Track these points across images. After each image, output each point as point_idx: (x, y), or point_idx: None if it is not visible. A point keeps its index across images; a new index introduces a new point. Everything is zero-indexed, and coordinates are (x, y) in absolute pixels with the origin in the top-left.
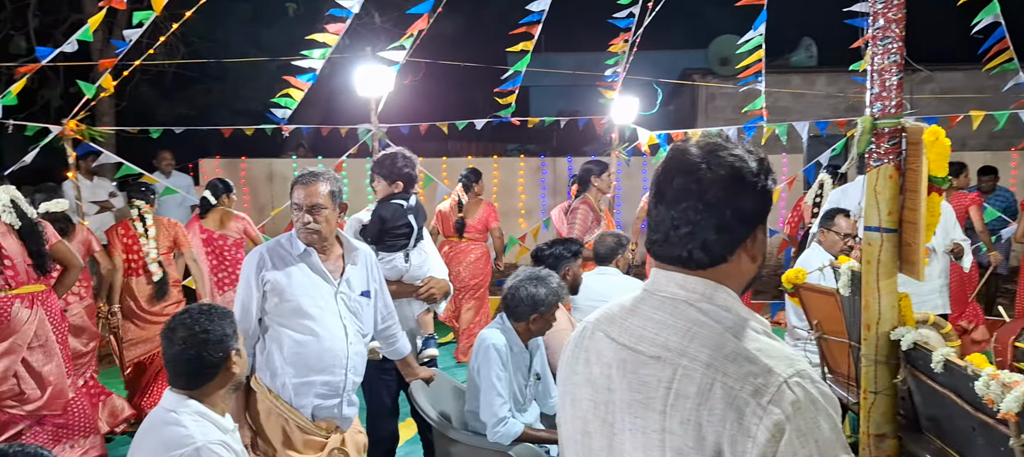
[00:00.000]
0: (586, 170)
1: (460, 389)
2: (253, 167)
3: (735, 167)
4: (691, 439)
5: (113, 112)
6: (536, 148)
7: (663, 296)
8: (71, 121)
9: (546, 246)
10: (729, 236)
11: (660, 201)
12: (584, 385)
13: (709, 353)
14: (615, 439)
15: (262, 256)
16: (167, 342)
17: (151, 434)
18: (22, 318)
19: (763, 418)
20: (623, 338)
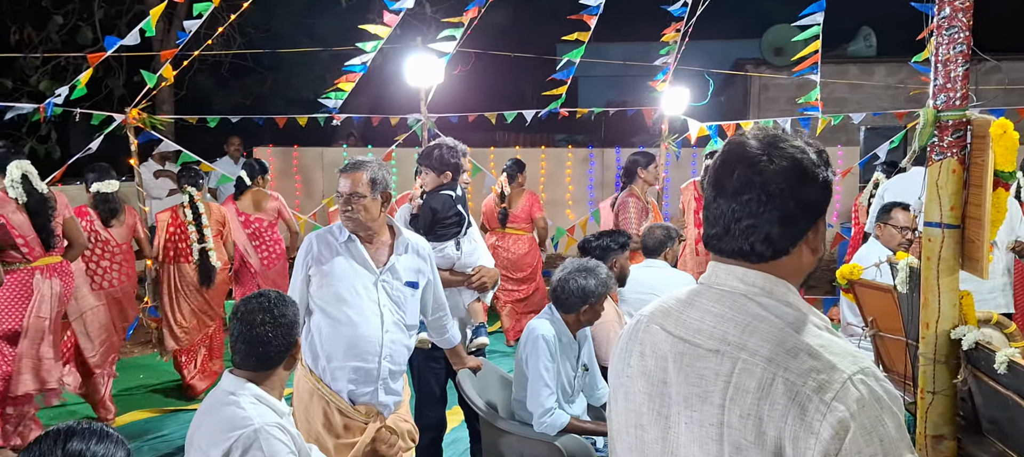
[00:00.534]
0: (633, 161)
1: (507, 379)
2: (305, 155)
3: (796, 158)
4: (751, 434)
5: (172, 101)
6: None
7: (721, 290)
8: (133, 109)
9: (593, 238)
10: (792, 228)
11: (719, 194)
12: (638, 378)
13: (770, 348)
14: (670, 432)
15: (311, 243)
16: (245, 325)
17: (211, 415)
18: (45, 290)
19: (826, 415)
20: (680, 331)
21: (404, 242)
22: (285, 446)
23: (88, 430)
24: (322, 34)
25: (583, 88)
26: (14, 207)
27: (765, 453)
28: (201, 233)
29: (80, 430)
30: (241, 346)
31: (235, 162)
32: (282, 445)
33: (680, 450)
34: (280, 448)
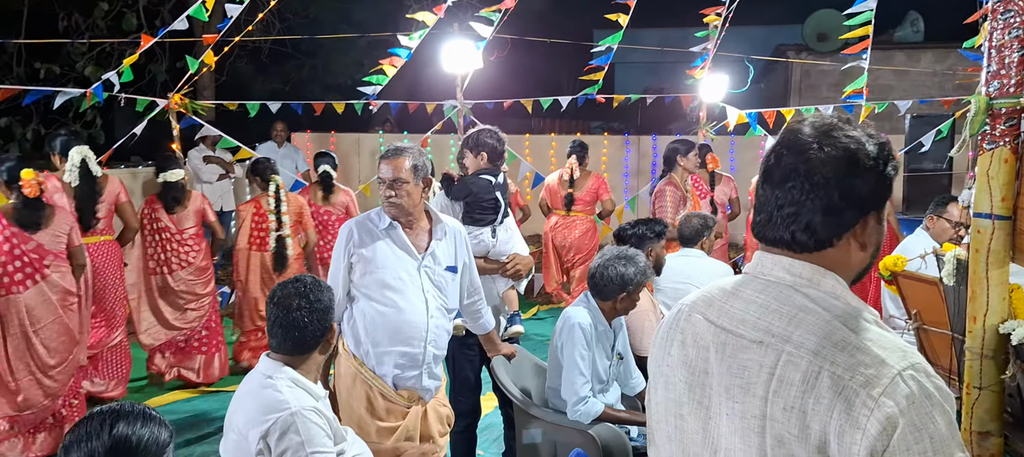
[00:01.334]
0: (672, 149)
1: (541, 366)
2: (342, 142)
3: (849, 149)
4: (795, 427)
5: (213, 87)
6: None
7: (767, 280)
8: (176, 95)
9: (629, 226)
10: (836, 219)
11: (767, 181)
12: (679, 367)
13: (816, 341)
14: (711, 422)
15: (351, 230)
16: (281, 310)
17: (249, 397)
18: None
19: (874, 411)
20: (723, 321)
21: (442, 227)
22: (321, 429)
23: (133, 412)
24: (360, 20)
25: (620, 74)
26: (61, 189)
27: (809, 447)
28: (280, 221)
29: (125, 412)
30: (277, 330)
31: (279, 147)
32: (318, 428)
33: (721, 441)
34: (316, 431)
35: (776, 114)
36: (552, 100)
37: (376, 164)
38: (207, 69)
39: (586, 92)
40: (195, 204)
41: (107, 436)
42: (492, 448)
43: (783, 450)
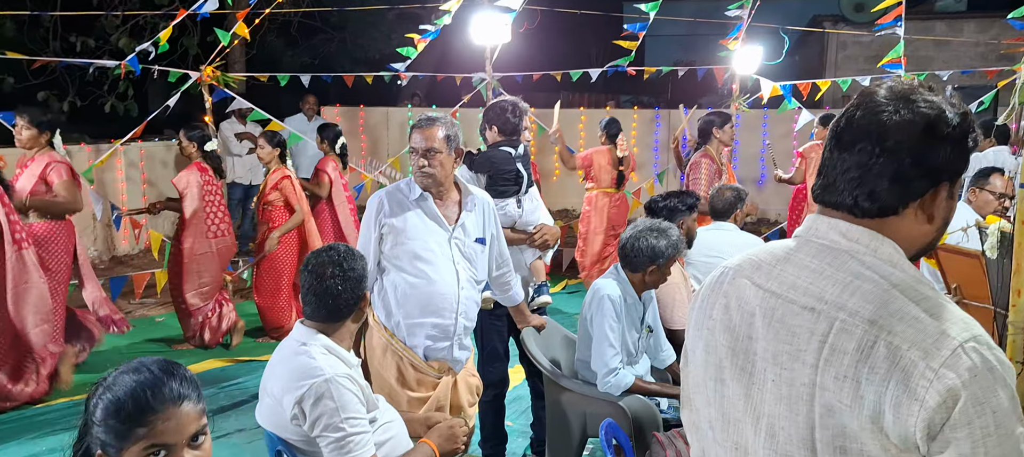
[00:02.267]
0: (708, 122)
1: (570, 338)
2: (371, 115)
3: (926, 114)
4: (847, 396)
5: (243, 60)
6: (649, 100)
7: (820, 244)
8: (208, 67)
9: (660, 198)
10: (903, 187)
11: (836, 144)
12: (721, 331)
13: (873, 309)
14: (754, 388)
15: (381, 200)
16: (315, 277)
17: (284, 364)
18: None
19: (933, 382)
20: (771, 285)
21: (473, 199)
22: (355, 396)
23: (160, 364)
24: None
25: (650, 48)
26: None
27: (861, 417)
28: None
29: (163, 367)
30: (311, 298)
31: (309, 120)
32: (352, 395)
33: (764, 407)
34: (350, 398)
35: (811, 86)
36: (582, 73)
37: (406, 137)
38: (239, 40)
39: (617, 63)
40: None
41: (131, 381)
42: (520, 419)
43: (833, 419)
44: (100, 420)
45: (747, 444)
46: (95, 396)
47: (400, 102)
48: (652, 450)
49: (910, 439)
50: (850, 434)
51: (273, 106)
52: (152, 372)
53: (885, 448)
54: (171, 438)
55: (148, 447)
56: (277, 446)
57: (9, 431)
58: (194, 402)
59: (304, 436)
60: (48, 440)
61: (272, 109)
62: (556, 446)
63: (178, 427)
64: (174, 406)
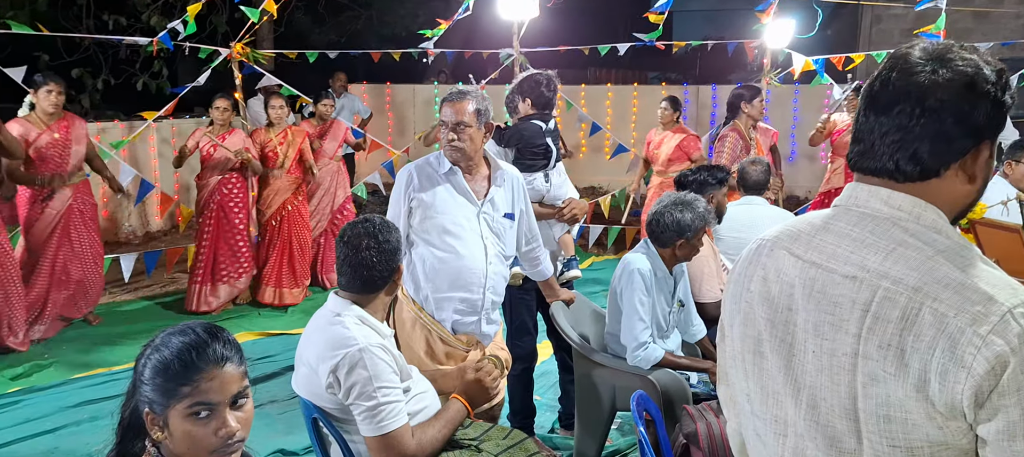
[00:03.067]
0: (737, 95)
1: (599, 313)
2: (398, 92)
3: (965, 71)
4: (891, 365)
5: (272, 37)
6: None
7: (861, 212)
8: (238, 44)
9: (690, 172)
10: (946, 147)
11: (871, 108)
12: (760, 304)
13: (917, 276)
14: (794, 360)
15: (411, 174)
16: (351, 249)
17: (319, 334)
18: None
19: (982, 349)
20: (811, 256)
21: (502, 174)
22: (388, 365)
23: (205, 327)
24: None
25: (678, 23)
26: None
27: (906, 385)
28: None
29: (208, 330)
30: (347, 269)
31: (338, 97)
32: (385, 365)
33: (805, 378)
34: (384, 368)
35: (845, 60)
36: (609, 48)
37: (432, 114)
38: (268, 17)
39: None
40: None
41: (178, 342)
42: (549, 393)
43: (876, 388)
44: (148, 379)
45: (787, 416)
46: (144, 357)
47: (426, 79)
48: (682, 423)
49: (957, 407)
50: (894, 403)
51: (301, 84)
52: (197, 334)
53: (930, 416)
54: (214, 397)
55: (192, 404)
56: (313, 413)
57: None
58: (236, 364)
59: (339, 404)
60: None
61: (299, 87)
62: (585, 419)
63: (221, 387)
64: (217, 367)
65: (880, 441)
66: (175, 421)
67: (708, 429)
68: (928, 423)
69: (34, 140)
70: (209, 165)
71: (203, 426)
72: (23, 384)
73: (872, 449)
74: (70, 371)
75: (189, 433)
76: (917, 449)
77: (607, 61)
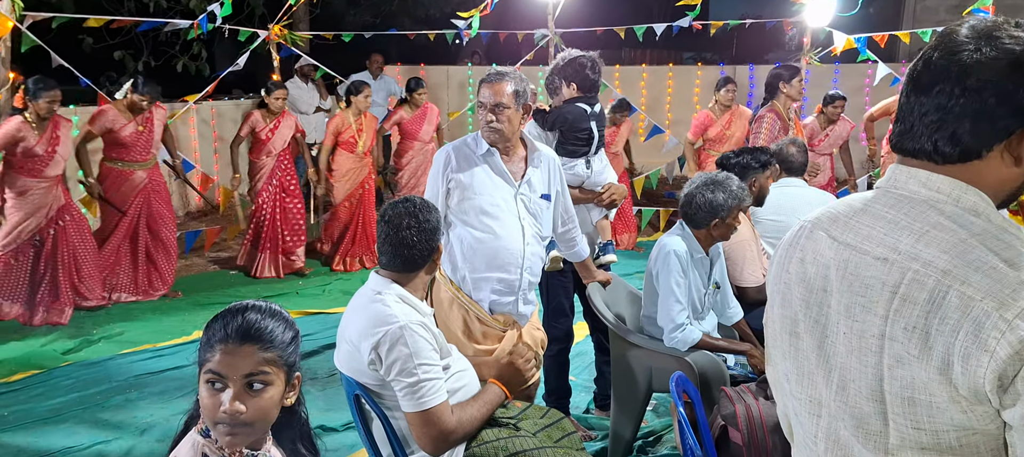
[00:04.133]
0: (775, 75)
1: (635, 294)
2: (431, 74)
3: (1012, 49)
4: (915, 347)
5: (308, 19)
6: (713, 56)
7: (899, 194)
8: (276, 26)
9: (733, 154)
10: (988, 127)
11: (913, 87)
12: (797, 285)
13: (948, 259)
14: (827, 341)
15: (449, 155)
16: (392, 228)
17: (360, 311)
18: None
19: (1006, 333)
20: (847, 238)
21: (539, 155)
22: (428, 343)
23: (263, 307)
24: None
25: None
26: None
27: (929, 368)
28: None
29: (254, 306)
30: (387, 248)
31: (374, 78)
32: (425, 342)
33: (836, 359)
34: (424, 345)
35: (888, 38)
36: (646, 28)
37: (466, 96)
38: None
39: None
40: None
41: (240, 319)
42: (584, 374)
43: (901, 370)
44: (202, 340)
45: (821, 397)
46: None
47: (460, 60)
48: (720, 404)
49: (980, 391)
50: (918, 385)
51: (336, 65)
52: (244, 307)
53: (954, 399)
54: (224, 370)
55: (207, 372)
56: (355, 390)
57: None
58: (262, 348)
59: (380, 381)
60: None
61: (335, 68)
62: (621, 400)
63: (232, 363)
64: (235, 343)
65: (905, 423)
66: (200, 384)
67: (747, 411)
68: (953, 407)
69: (119, 129)
70: (264, 149)
71: (213, 397)
72: (73, 358)
73: (898, 431)
74: (118, 347)
75: (203, 399)
76: (943, 433)
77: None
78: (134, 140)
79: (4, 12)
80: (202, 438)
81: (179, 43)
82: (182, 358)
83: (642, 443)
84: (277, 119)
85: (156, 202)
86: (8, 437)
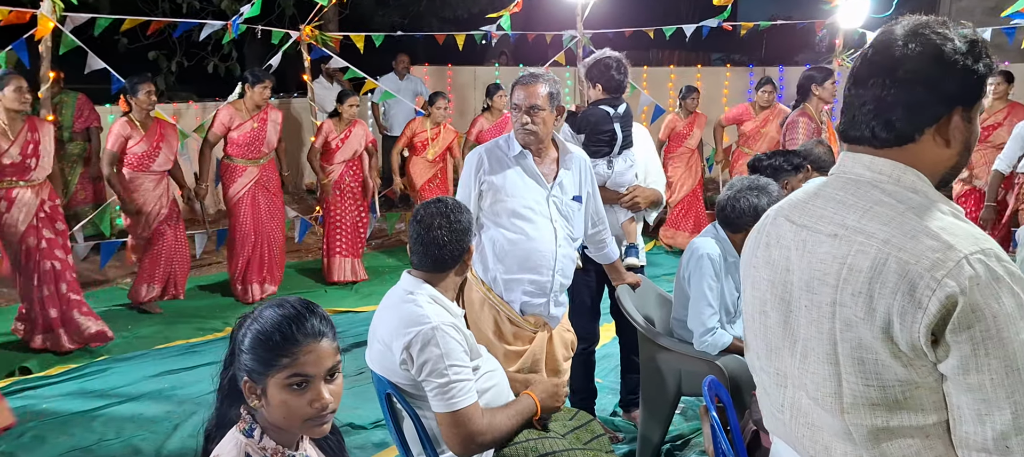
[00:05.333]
0: (807, 77)
1: (664, 297)
2: (459, 75)
3: (934, 44)
4: (861, 310)
5: (337, 20)
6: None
7: (847, 178)
8: (307, 27)
9: (765, 157)
10: (917, 114)
11: (854, 82)
12: (763, 267)
13: (888, 231)
14: (791, 316)
15: (481, 157)
16: (423, 228)
17: (392, 311)
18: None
19: (936, 290)
20: (804, 220)
21: (570, 157)
22: (459, 344)
23: (302, 302)
24: None
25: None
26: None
27: (874, 329)
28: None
29: (306, 304)
30: (419, 247)
31: (400, 79)
32: (456, 343)
33: (799, 331)
34: (455, 346)
35: None
36: (675, 29)
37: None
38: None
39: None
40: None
41: (311, 322)
42: (611, 376)
43: (850, 333)
44: (248, 349)
45: (786, 369)
46: (243, 328)
47: (487, 61)
48: (751, 408)
49: (917, 346)
50: (865, 345)
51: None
52: (296, 308)
53: (896, 355)
54: (311, 369)
55: (290, 376)
56: (387, 389)
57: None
58: (331, 339)
59: (412, 380)
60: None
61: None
62: (650, 404)
63: (318, 360)
64: (315, 340)
65: (856, 382)
66: (273, 391)
67: None
68: (894, 362)
69: (236, 127)
70: (336, 155)
71: (299, 396)
72: (107, 354)
73: (850, 390)
74: (150, 343)
75: (286, 403)
76: (889, 388)
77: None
78: (248, 137)
79: (45, 13)
80: (245, 438)
81: (210, 44)
82: (213, 354)
83: (670, 447)
84: (349, 127)
85: (273, 197)
86: (45, 429)
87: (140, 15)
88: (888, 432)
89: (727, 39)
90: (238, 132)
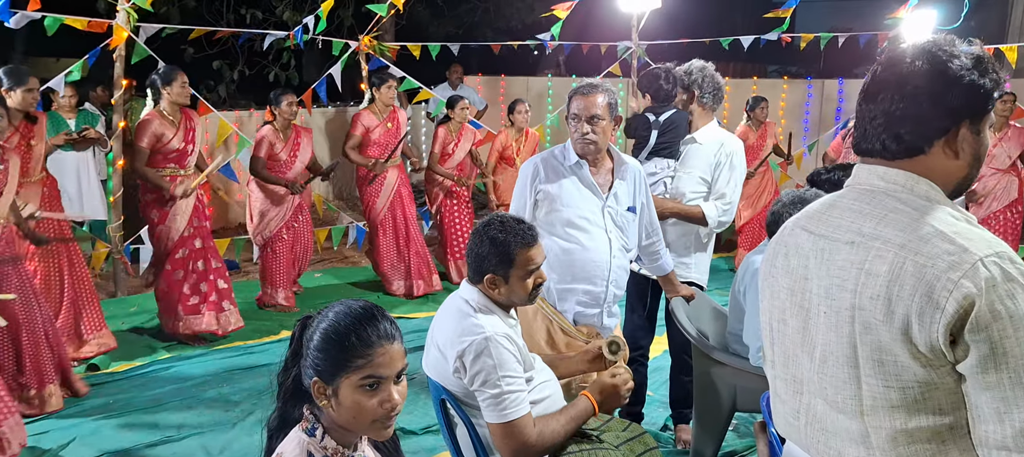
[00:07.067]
0: None
1: (719, 311)
2: (511, 84)
3: (940, 60)
4: (880, 313)
5: (393, 30)
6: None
7: (862, 188)
8: (366, 37)
9: (825, 171)
10: (925, 127)
11: (864, 98)
12: (782, 276)
13: (903, 236)
14: (810, 322)
15: (536, 166)
16: (472, 237)
17: (448, 319)
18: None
19: (953, 291)
20: (821, 229)
21: (625, 168)
22: (512, 355)
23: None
24: None
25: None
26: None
27: (893, 331)
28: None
29: (376, 308)
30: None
31: (453, 89)
32: (509, 354)
33: (818, 337)
34: (508, 356)
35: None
36: (732, 39)
37: (544, 106)
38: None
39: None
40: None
41: (383, 325)
42: (661, 390)
43: (869, 336)
44: (320, 349)
45: (803, 375)
46: (311, 328)
47: (540, 71)
48: None
49: (936, 346)
50: (885, 347)
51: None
52: (367, 310)
53: (915, 356)
54: (384, 371)
55: (364, 377)
56: (441, 395)
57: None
58: (400, 342)
59: (465, 389)
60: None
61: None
62: (703, 418)
63: (391, 362)
64: (388, 343)
65: (876, 383)
66: (345, 391)
67: None
68: (914, 363)
69: (373, 128)
70: (448, 162)
71: (370, 397)
72: (172, 353)
73: (870, 392)
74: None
75: (358, 403)
76: (908, 389)
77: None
78: (383, 138)
79: (121, 23)
80: (307, 437)
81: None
82: (269, 356)
83: None
84: (458, 135)
85: (407, 200)
86: (111, 424)
87: (207, 26)
88: (907, 435)
89: (784, 50)
90: (377, 133)
